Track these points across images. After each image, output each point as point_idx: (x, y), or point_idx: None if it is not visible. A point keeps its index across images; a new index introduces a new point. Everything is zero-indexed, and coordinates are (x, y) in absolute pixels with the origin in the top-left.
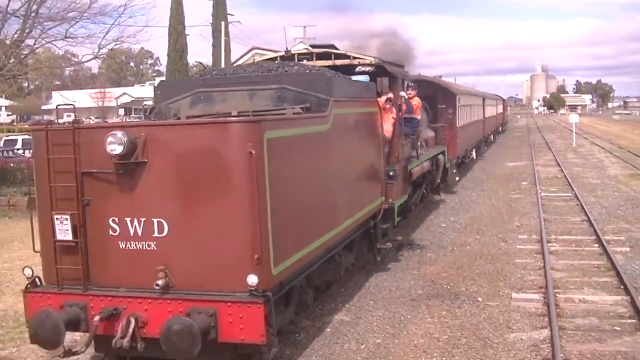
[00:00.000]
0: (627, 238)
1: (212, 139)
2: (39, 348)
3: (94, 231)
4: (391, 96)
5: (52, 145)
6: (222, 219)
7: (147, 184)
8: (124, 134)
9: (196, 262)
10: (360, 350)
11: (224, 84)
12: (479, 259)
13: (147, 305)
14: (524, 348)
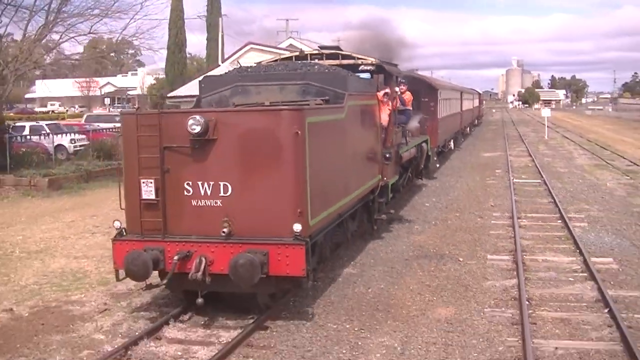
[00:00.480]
0: (586, 216)
1: (267, 122)
2: (100, 292)
3: (171, 192)
4: (388, 91)
5: (140, 126)
6: (274, 183)
7: (215, 155)
8: (201, 117)
9: (252, 215)
10: (368, 292)
11: (257, 79)
12: (459, 231)
13: (213, 248)
14: (497, 291)
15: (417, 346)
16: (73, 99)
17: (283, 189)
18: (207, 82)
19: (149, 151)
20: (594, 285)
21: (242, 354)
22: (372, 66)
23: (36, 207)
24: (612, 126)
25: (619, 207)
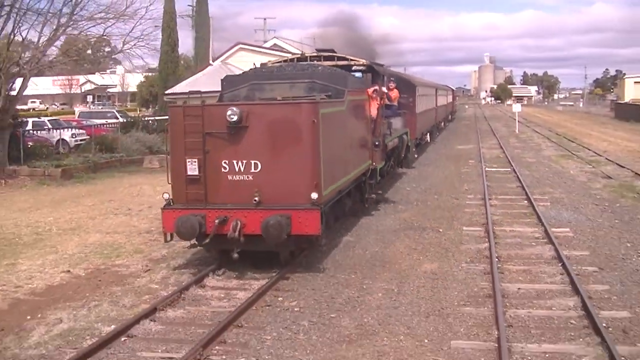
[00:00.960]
0: (549, 197)
1: (290, 112)
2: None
3: (211, 169)
4: (377, 88)
5: (186, 116)
6: (295, 161)
7: (247, 139)
8: (237, 109)
9: (278, 186)
10: (365, 254)
11: (271, 78)
12: (438, 209)
13: (246, 214)
14: (472, 252)
15: (410, 288)
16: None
17: (303, 165)
18: (228, 81)
19: (193, 136)
20: (551, 248)
21: (273, 295)
22: (363, 66)
23: (54, 194)
24: (580, 121)
25: (579, 190)
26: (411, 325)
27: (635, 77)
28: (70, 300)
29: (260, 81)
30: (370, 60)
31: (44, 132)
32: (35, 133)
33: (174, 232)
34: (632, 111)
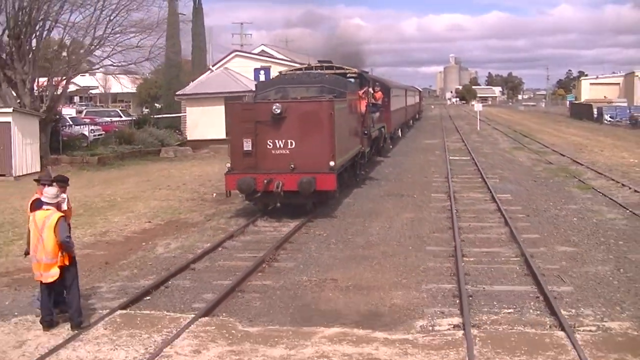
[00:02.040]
0: (498, 176)
1: (315, 107)
2: (197, 214)
3: (260, 146)
4: (366, 90)
5: (242, 110)
6: (318, 140)
7: (285, 125)
8: (280, 104)
9: (306, 158)
10: (363, 208)
11: (292, 82)
12: (411, 184)
13: (284, 177)
14: (438, 207)
15: (397, 225)
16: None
17: (323, 143)
18: (260, 85)
19: (248, 123)
20: (495, 205)
21: (305, 228)
22: (354, 74)
23: (98, 176)
24: (538, 120)
25: (523, 172)
26: (400, 241)
27: (591, 79)
28: (166, 236)
29: (284, 85)
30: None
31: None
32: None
33: (234, 189)
34: (585, 110)
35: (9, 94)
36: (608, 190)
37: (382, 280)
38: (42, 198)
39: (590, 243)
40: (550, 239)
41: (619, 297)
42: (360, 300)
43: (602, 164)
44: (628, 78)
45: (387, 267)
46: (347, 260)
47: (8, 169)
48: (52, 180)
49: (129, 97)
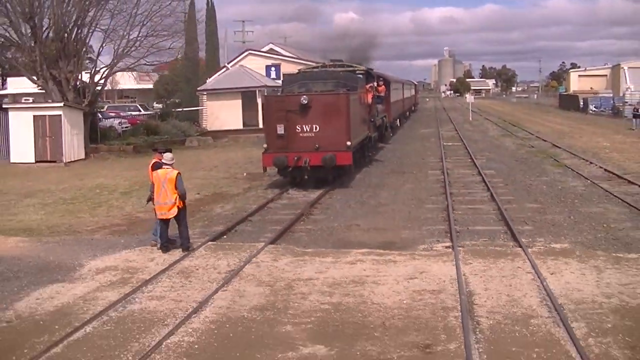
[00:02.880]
0: (485, 158)
1: (335, 99)
2: (235, 187)
3: (290, 130)
4: (372, 85)
5: (275, 101)
6: (337, 125)
7: (311, 113)
8: (307, 97)
9: (328, 139)
10: (372, 182)
11: (312, 78)
12: (411, 164)
13: (311, 155)
14: (434, 180)
15: (401, 192)
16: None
17: (341, 128)
18: (286, 80)
19: (280, 112)
20: (481, 178)
21: (328, 195)
22: (362, 71)
23: (136, 162)
24: (528, 111)
25: (507, 154)
26: (404, 202)
27: (579, 71)
28: (217, 202)
29: (305, 81)
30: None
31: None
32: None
33: (271, 165)
34: (572, 101)
35: (55, 90)
36: (577, 167)
37: (393, 225)
38: (163, 160)
39: (552, 202)
40: (521, 199)
41: (565, 232)
42: (379, 236)
43: (578, 147)
44: (615, 70)
45: (396, 218)
46: (365, 214)
47: (59, 156)
48: (165, 150)
49: (134, 93)
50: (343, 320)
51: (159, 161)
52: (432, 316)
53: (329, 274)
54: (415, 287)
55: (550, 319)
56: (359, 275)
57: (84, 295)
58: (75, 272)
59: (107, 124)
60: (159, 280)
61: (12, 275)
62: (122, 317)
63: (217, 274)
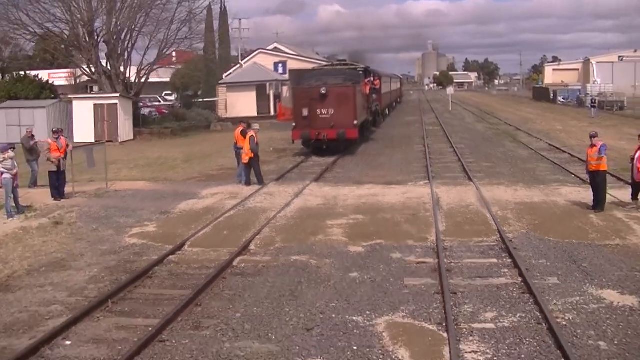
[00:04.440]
0: (459, 137)
1: (345, 89)
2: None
3: (312, 113)
4: (369, 79)
5: (301, 92)
6: (347, 109)
7: (327, 100)
8: (326, 87)
9: (340, 119)
10: (372, 152)
11: (326, 74)
12: (399, 142)
13: (327, 131)
14: (417, 151)
15: (394, 159)
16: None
17: (350, 110)
18: (306, 76)
19: (305, 99)
20: (453, 149)
21: (340, 160)
22: (362, 68)
23: (176, 142)
24: (504, 102)
25: (477, 135)
26: (397, 163)
27: (553, 66)
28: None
29: (319, 76)
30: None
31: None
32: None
33: (298, 139)
34: (544, 93)
35: (107, 84)
36: (529, 143)
37: (390, 174)
38: (253, 127)
39: (501, 162)
40: (480, 161)
41: (503, 176)
42: (382, 179)
43: (536, 130)
44: (586, 64)
45: (392, 171)
46: (371, 169)
47: (115, 137)
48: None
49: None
50: (368, 207)
51: (244, 129)
52: (417, 205)
53: (356, 192)
54: (406, 196)
55: (480, 206)
56: (374, 193)
57: (214, 203)
58: (198, 195)
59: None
60: (254, 197)
61: (161, 197)
62: (245, 209)
63: (288, 194)
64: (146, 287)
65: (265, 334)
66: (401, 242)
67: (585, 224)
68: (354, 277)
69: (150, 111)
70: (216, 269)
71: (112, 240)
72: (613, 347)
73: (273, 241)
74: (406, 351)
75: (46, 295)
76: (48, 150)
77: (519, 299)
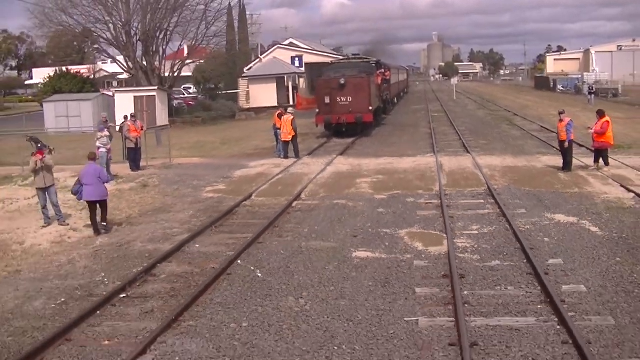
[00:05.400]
0: (461, 122)
1: (361, 80)
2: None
3: (333, 100)
4: (381, 71)
5: (323, 82)
6: (363, 96)
7: (346, 89)
8: (344, 79)
9: (357, 105)
10: (385, 133)
11: (344, 67)
12: (408, 125)
13: (346, 115)
14: (423, 133)
15: (403, 138)
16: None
17: (365, 98)
18: (325, 69)
19: (327, 89)
20: (455, 131)
21: (358, 140)
22: (374, 61)
23: (207, 130)
24: (507, 91)
25: (477, 119)
26: (407, 142)
27: (555, 55)
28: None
29: (337, 69)
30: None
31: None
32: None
33: (321, 123)
34: (545, 82)
35: (143, 78)
36: (523, 125)
37: (402, 150)
38: (288, 111)
39: (496, 141)
40: (478, 139)
41: (497, 151)
42: (395, 153)
43: (532, 115)
44: (586, 54)
45: (403, 147)
46: (385, 146)
47: (153, 124)
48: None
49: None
50: (387, 171)
51: (281, 113)
52: (424, 169)
53: (375, 162)
54: (416, 163)
55: (474, 169)
56: (390, 162)
57: (264, 170)
58: (248, 166)
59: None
60: (294, 166)
61: (218, 168)
62: (290, 174)
63: (321, 164)
64: (234, 219)
65: (326, 238)
66: (413, 192)
67: (554, 179)
68: (381, 211)
69: (179, 103)
70: (281, 208)
71: (194, 195)
72: (553, 241)
73: (318, 192)
74: (420, 243)
75: (165, 225)
76: (128, 131)
77: (496, 220)
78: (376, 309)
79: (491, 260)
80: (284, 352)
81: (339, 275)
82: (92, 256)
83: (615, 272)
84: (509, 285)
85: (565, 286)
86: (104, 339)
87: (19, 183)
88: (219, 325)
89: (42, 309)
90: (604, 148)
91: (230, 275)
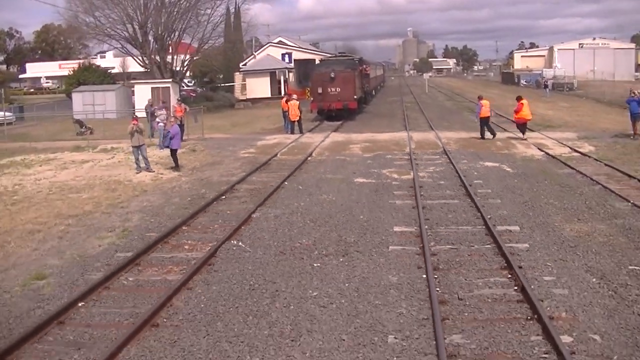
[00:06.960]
0: (430, 110)
1: (348, 74)
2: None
3: (325, 90)
4: (362, 67)
5: (317, 75)
6: (349, 87)
7: (335, 81)
8: (334, 72)
9: (344, 95)
10: (366, 120)
11: (332, 63)
12: (385, 114)
13: (335, 103)
14: (399, 119)
15: (383, 123)
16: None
17: (351, 89)
18: (318, 65)
19: (320, 81)
20: (424, 117)
21: (345, 124)
22: (357, 59)
23: (212, 117)
24: (476, 85)
25: (444, 109)
26: (385, 125)
27: (522, 52)
28: None
29: (327, 65)
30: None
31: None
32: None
33: (315, 109)
34: (510, 77)
35: (157, 71)
36: None
37: (381, 128)
38: (292, 97)
39: (456, 123)
40: (442, 123)
41: (455, 129)
42: (377, 130)
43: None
44: (550, 51)
45: (382, 127)
46: (367, 127)
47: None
48: (289, 95)
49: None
50: (370, 141)
51: (288, 99)
52: (399, 139)
53: (362, 136)
54: (392, 136)
55: (435, 139)
56: (373, 136)
57: (279, 141)
58: (265, 139)
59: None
60: (301, 139)
61: (241, 140)
62: (299, 143)
63: (321, 137)
64: (269, 168)
65: (336, 174)
66: (391, 152)
67: (491, 145)
68: (369, 162)
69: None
70: (299, 162)
71: (234, 155)
72: (479, 173)
73: (323, 153)
74: (396, 175)
75: (225, 169)
76: (175, 111)
77: (446, 165)
78: (372, 199)
79: (439, 181)
80: (324, 214)
81: (349, 188)
82: (188, 183)
83: (509, 185)
84: (447, 190)
85: (480, 190)
86: (228, 210)
87: (91, 151)
88: (287, 204)
89: (180, 202)
90: (521, 122)
91: (283, 188)
